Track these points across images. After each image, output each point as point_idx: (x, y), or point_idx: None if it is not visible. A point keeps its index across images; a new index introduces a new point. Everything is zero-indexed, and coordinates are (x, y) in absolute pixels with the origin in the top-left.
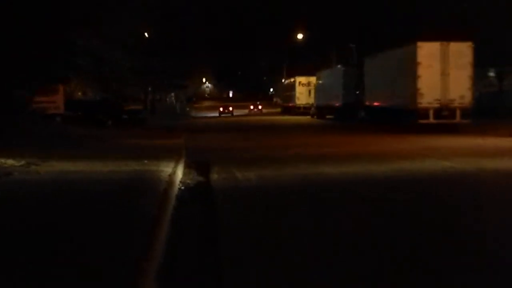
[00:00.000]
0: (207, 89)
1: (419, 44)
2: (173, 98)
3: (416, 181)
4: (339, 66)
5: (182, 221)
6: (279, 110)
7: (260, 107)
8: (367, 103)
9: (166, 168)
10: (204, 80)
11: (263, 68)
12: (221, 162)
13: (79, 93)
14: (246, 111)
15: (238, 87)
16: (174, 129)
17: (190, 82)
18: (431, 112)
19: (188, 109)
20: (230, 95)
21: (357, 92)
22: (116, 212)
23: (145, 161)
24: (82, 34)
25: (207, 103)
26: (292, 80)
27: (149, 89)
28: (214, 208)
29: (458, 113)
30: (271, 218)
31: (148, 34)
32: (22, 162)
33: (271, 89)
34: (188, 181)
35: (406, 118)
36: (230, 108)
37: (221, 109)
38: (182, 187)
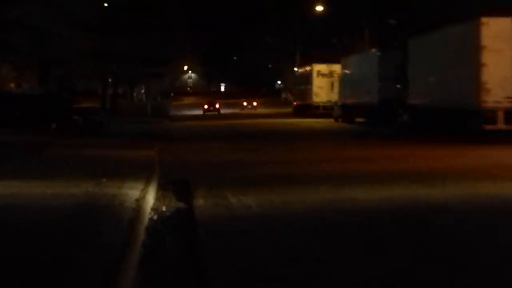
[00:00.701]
0: (189, 80)
1: (484, 20)
2: (143, 93)
3: (483, 211)
4: (373, 50)
5: (153, 267)
6: (289, 110)
7: (254, 104)
8: (411, 101)
9: (131, 191)
10: (186, 68)
11: (268, 52)
12: (209, 182)
13: (12, 85)
14: (237, 110)
15: (233, 78)
16: (144, 136)
17: (166, 71)
18: (500, 115)
19: (163, 108)
20: (222, 89)
21: (398, 86)
22: (53, 254)
23: (103, 180)
24: (18, 2)
25: (188, 100)
26: (308, 68)
27: (109, 80)
28: (198, 247)
29: None
30: (279, 265)
31: (108, 5)
32: None
33: (279, 82)
34: (164, 209)
35: (466, 122)
36: (217, 105)
37: (205, 106)
38: (155, 217)
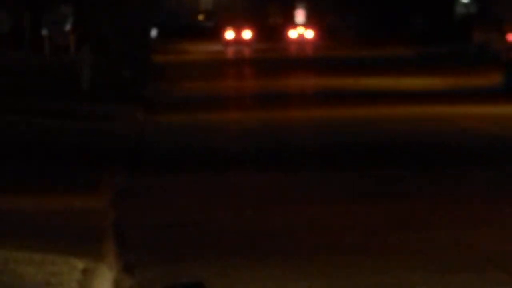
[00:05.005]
0: None
1: None
2: (67, 31)
3: None
4: None
5: None
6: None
7: (311, 33)
8: None
9: None
10: None
11: None
12: None
13: None
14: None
15: None
16: (69, 153)
17: None
18: None
19: (129, 69)
20: (298, 18)
21: None
22: None
23: None
24: None
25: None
26: None
27: None
28: None
29: None
30: None
31: None
32: None
33: None
34: None
35: None
36: (244, 35)
37: (227, 35)
38: None
